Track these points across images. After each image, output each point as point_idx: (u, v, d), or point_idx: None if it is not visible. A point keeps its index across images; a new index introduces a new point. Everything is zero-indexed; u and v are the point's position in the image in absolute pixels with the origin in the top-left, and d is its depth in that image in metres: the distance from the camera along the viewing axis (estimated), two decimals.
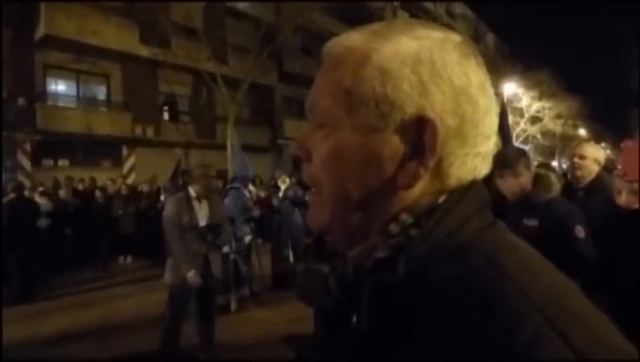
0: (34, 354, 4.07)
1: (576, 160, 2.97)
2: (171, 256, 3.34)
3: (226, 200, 5.17)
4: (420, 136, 0.43)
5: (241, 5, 15.39)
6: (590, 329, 0.35)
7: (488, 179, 2.21)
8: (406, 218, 0.44)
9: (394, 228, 0.44)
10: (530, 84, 23.80)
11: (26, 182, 9.71)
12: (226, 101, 12.90)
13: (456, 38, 0.47)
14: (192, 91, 15.23)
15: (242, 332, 4.35)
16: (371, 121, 0.44)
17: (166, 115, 15.17)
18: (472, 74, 0.45)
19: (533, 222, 2.30)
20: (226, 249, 5.18)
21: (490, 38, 27.33)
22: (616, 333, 0.36)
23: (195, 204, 3.34)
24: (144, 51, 13.21)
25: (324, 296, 0.51)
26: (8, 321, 4.91)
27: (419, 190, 0.45)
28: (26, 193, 7.51)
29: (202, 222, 3.33)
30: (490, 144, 0.47)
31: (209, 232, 3.31)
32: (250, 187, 5.51)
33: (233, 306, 5.12)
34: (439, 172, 0.44)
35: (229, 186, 5.72)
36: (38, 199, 7.42)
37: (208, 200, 3.42)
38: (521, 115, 24.77)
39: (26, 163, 11.50)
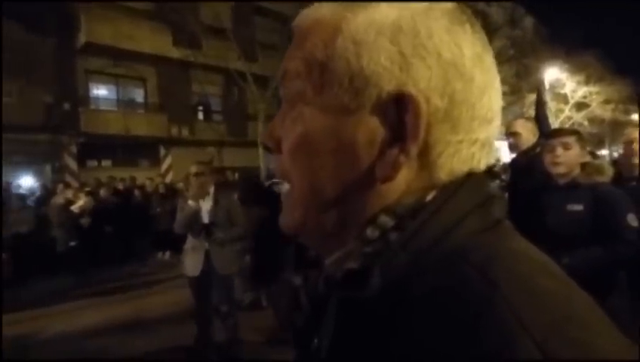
0: (74, 345, 4.25)
1: (634, 146, 2.74)
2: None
3: None
4: (401, 118, 0.36)
5: (267, 2, 15.45)
6: None
7: (534, 162, 2.06)
8: (386, 220, 0.37)
9: (371, 232, 0.37)
10: (575, 68, 22.47)
11: (73, 183, 10.24)
12: (255, 99, 13.04)
13: (446, 4, 0.39)
14: (223, 90, 15.52)
15: (269, 328, 4.35)
16: (343, 99, 0.37)
17: (200, 115, 15.54)
18: (466, 44, 0.38)
19: (578, 207, 2.09)
20: None
21: (528, 21, 26.00)
22: None
23: (201, 203, 3.50)
24: (176, 53, 13.58)
25: (296, 311, 0.45)
26: (50, 314, 5.21)
27: (402, 185, 0.38)
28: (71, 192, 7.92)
29: (205, 220, 3.48)
30: (491, 129, 0.40)
31: (205, 229, 3.43)
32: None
33: (265, 301, 5.14)
34: (427, 163, 0.37)
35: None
36: (83, 198, 7.81)
37: (214, 200, 3.52)
38: (566, 102, 23.48)
39: (72, 164, 12.15)
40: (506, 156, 3.53)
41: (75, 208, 7.52)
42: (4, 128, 10.40)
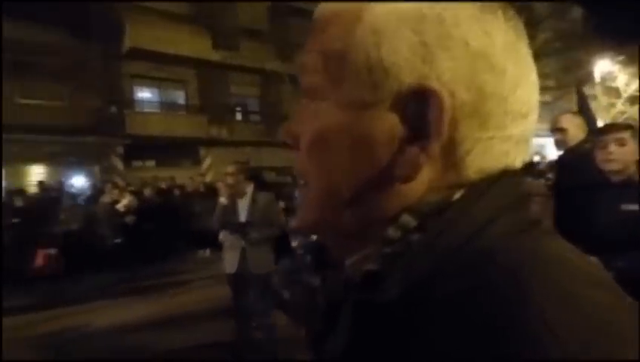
0: (117, 339, 4.45)
1: None
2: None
3: None
4: (422, 114, 0.34)
5: (302, 3, 15.57)
6: None
7: (583, 160, 1.90)
8: (408, 219, 0.35)
9: (393, 232, 0.35)
10: (627, 60, 21.05)
11: (120, 182, 10.77)
12: (292, 99, 13.16)
13: None
14: (260, 91, 15.78)
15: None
16: (361, 93, 0.36)
17: (238, 116, 15.87)
18: (497, 33, 0.35)
19: (633, 207, 1.94)
20: (293, 244, 5.25)
21: (576, 12, 24.69)
22: None
23: (237, 201, 3.59)
24: (215, 56, 13.94)
25: (312, 314, 0.43)
26: (95, 309, 5.49)
27: (425, 184, 0.35)
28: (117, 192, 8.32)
29: (242, 219, 3.54)
30: (526, 124, 0.37)
31: (240, 229, 3.50)
32: None
33: None
34: (453, 161, 0.35)
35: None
36: (127, 197, 8.19)
37: (251, 199, 3.57)
38: (618, 95, 22.05)
39: (119, 164, 12.79)
40: (553, 153, 3.37)
41: (120, 207, 7.90)
42: (57, 130, 11.15)
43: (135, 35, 12.31)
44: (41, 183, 9.07)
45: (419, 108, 0.34)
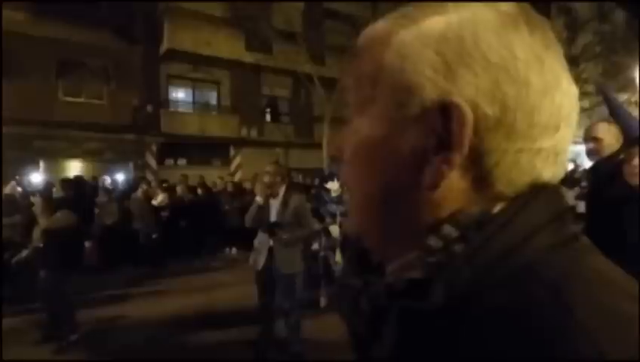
0: (149, 332, 4.60)
1: None
2: None
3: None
4: (446, 126, 0.36)
5: (337, 5, 15.59)
6: None
7: (617, 171, 1.84)
8: (450, 230, 0.37)
9: (434, 242, 0.37)
10: None
11: (151, 179, 11.10)
12: (322, 101, 13.21)
13: (501, 7, 0.38)
14: (291, 93, 15.93)
15: (330, 329, 4.37)
16: (389, 111, 0.39)
17: (268, 117, 16.09)
18: (519, 46, 0.36)
19: None
20: (315, 246, 5.30)
21: (619, 15, 23.59)
22: None
23: (271, 201, 3.67)
24: (249, 58, 14.20)
25: (354, 316, 0.45)
26: (126, 303, 5.66)
27: (455, 193, 0.37)
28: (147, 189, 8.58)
29: (272, 219, 3.60)
30: (559, 137, 0.38)
31: (270, 228, 3.55)
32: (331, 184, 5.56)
33: (322, 302, 5.21)
34: (481, 172, 0.37)
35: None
36: (161, 194, 8.46)
37: (282, 199, 3.62)
38: None
39: (152, 162, 13.21)
40: (588, 161, 3.24)
41: (154, 202, 8.19)
42: (96, 128, 11.64)
43: (173, 36, 12.72)
44: (77, 178, 9.38)
45: (443, 121, 0.36)
